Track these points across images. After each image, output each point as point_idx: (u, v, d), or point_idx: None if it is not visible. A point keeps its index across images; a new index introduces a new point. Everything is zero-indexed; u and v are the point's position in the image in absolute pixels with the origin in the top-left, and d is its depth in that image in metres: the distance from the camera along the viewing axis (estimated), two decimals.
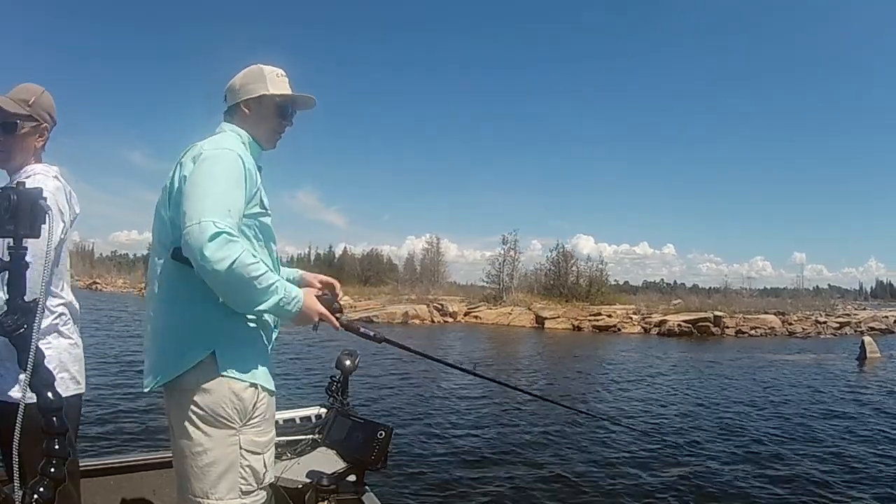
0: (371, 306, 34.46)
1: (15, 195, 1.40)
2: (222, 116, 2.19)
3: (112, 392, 10.30)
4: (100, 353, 14.76)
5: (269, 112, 2.14)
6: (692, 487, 6.50)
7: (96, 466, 2.83)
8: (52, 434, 1.44)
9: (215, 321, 1.88)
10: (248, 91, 2.13)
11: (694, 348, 23.34)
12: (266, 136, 2.16)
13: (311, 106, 2.26)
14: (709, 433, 8.98)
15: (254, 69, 2.16)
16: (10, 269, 1.45)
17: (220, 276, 1.71)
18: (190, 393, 1.86)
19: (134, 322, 24.24)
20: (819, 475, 7.04)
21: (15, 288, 1.47)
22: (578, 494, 6.21)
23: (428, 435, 8.44)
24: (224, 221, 1.73)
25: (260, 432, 1.94)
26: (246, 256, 1.73)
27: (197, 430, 1.86)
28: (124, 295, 49.71)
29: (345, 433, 2.65)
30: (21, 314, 1.46)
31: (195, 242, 1.70)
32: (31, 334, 1.43)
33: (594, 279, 40.10)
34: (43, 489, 1.39)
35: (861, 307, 43.75)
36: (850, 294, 55.97)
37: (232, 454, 1.87)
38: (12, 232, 1.42)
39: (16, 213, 1.41)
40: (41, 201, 1.45)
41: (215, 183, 1.82)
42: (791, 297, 41.63)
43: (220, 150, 1.91)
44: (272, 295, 1.81)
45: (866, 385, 14.65)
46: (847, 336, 29.82)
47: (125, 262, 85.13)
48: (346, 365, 2.91)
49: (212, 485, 1.86)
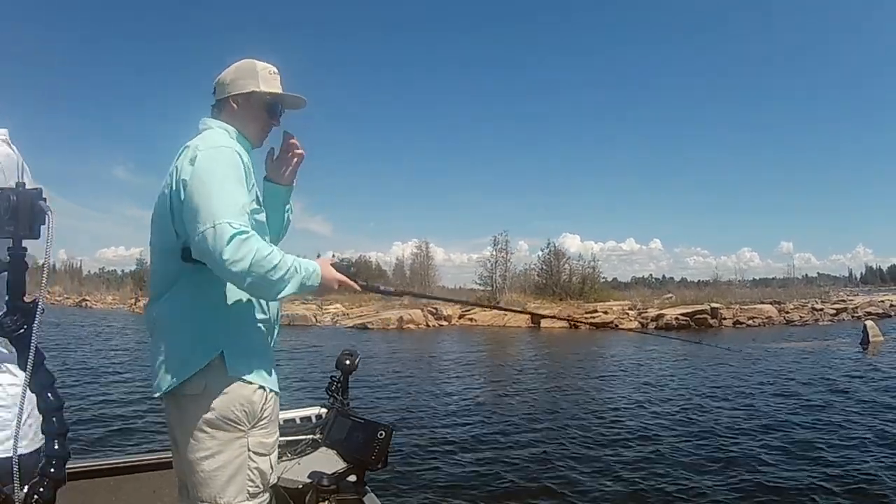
0: (364, 313, 34.39)
1: (14, 196, 1.40)
2: (209, 110, 2.14)
3: (112, 393, 10.49)
4: (100, 361, 15.17)
5: (258, 109, 2.10)
6: (742, 483, 6.35)
7: (96, 467, 2.83)
8: (53, 435, 1.45)
9: (221, 323, 1.88)
10: (237, 86, 2.08)
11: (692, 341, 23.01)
12: (254, 134, 2.12)
13: (300, 106, 2.21)
14: (734, 425, 8.81)
15: (246, 64, 2.12)
16: (11, 270, 1.45)
17: (243, 274, 1.71)
18: (197, 397, 1.85)
19: (125, 335, 24.70)
20: (844, 460, 7.01)
21: (15, 289, 1.46)
22: (583, 493, 6.17)
23: (428, 435, 8.45)
24: (238, 220, 1.73)
25: (267, 433, 1.94)
26: (263, 249, 1.74)
27: (205, 435, 1.84)
28: (115, 311, 49.30)
29: (345, 433, 2.64)
30: (21, 315, 1.45)
31: (213, 245, 1.70)
32: (30, 335, 1.43)
33: (587, 276, 39.99)
34: (43, 489, 1.40)
35: (854, 293, 43.91)
36: (840, 281, 56.28)
37: (241, 457, 1.87)
38: (12, 233, 1.41)
39: (15, 213, 1.40)
40: (41, 202, 1.43)
41: (219, 182, 1.80)
42: (781, 286, 41.83)
43: (216, 147, 1.89)
44: (293, 277, 1.81)
45: (875, 368, 14.58)
46: (844, 322, 29.85)
47: (113, 278, 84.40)
48: (346, 365, 2.91)
49: (220, 489, 1.84)
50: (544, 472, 6.80)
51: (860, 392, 11.29)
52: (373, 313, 33.54)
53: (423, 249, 49.16)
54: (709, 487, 6.21)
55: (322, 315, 34.58)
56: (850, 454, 7.25)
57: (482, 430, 8.84)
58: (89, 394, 10.86)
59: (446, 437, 8.33)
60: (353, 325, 31.03)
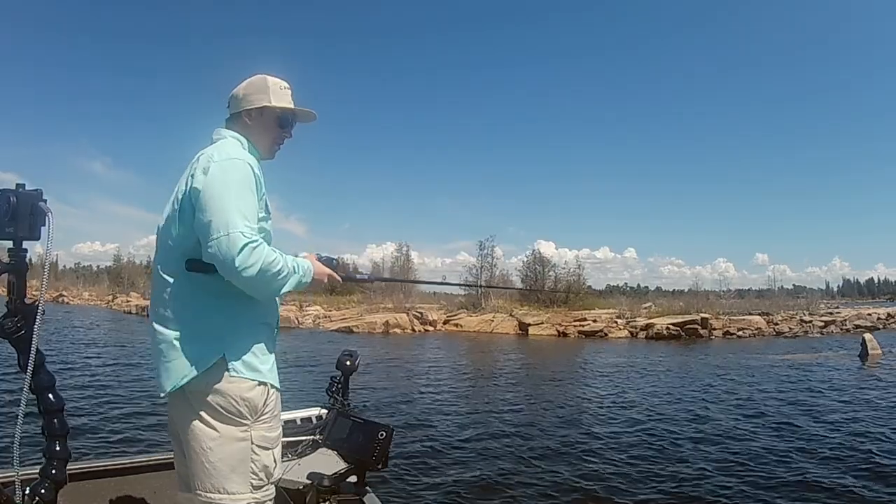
0: (348, 316, 33.88)
1: (14, 197, 1.43)
2: (224, 123, 2.22)
3: (112, 395, 10.63)
4: (96, 360, 15.47)
5: (270, 123, 2.19)
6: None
7: (96, 468, 2.84)
8: (54, 436, 1.53)
9: (224, 325, 1.96)
10: (250, 101, 2.17)
11: (687, 351, 22.87)
12: (266, 146, 2.21)
13: (311, 119, 2.32)
14: (741, 437, 8.68)
15: (258, 80, 2.21)
16: (11, 272, 1.46)
17: (252, 279, 1.84)
18: (201, 394, 1.92)
19: (111, 333, 24.97)
20: (854, 472, 7.00)
21: (16, 290, 1.47)
22: (583, 494, 6.21)
23: (429, 435, 8.52)
24: (249, 231, 1.84)
25: (269, 428, 2.02)
26: (269, 255, 1.86)
27: (209, 428, 1.92)
28: (92, 307, 48.65)
29: (345, 434, 2.66)
30: (21, 316, 1.49)
31: (226, 253, 1.80)
32: (31, 336, 1.48)
33: (572, 284, 39.64)
34: (44, 490, 1.48)
35: (834, 306, 44.25)
36: (818, 293, 56.41)
37: (244, 449, 1.94)
38: (12, 234, 1.45)
39: (15, 215, 1.42)
40: (41, 203, 1.47)
41: (233, 192, 1.88)
42: (757, 297, 42.21)
43: (231, 159, 1.96)
44: (292, 276, 1.96)
45: (878, 381, 14.67)
46: (833, 335, 30.09)
47: (89, 273, 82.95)
48: (346, 365, 2.94)
49: (224, 479, 1.92)
50: (545, 473, 6.85)
51: (862, 406, 11.26)
52: (356, 316, 33.19)
53: (404, 252, 48.61)
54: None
55: (303, 317, 33.89)
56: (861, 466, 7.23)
57: (482, 431, 8.89)
58: (89, 394, 10.73)
59: (447, 437, 8.39)
60: (338, 329, 30.52)
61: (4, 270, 1.44)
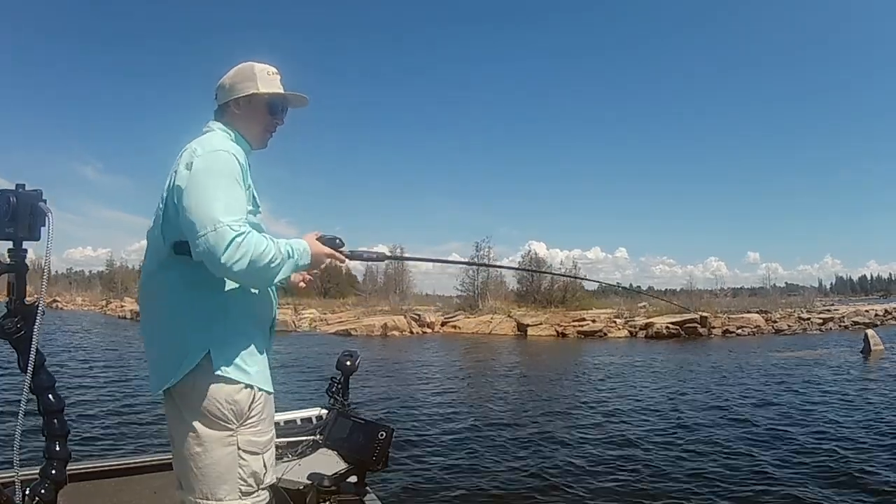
0: (345, 319, 33.78)
1: (14, 197, 1.43)
2: (212, 114, 2.15)
3: (112, 395, 10.66)
4: (96, 362, 15.56)
5: (260, 111, 2.12)
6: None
7: (96, 469, 2.85)
8: (54, 437, 1.54)
9: (210, 323, 1.89)
10: (237, 90, 2.10)
11: (689, 350, 22.77)
12: (256, 136, 2.14)
13: (303, 104, 2.24)
14: (750, 437, 8.57)
15: (244, 67, 2.14)
16: (11, 272, 1.45)
17: (244, 272, 1.77)
18: (187, 396, 1.88)
19: (108, 337, 25.14)
20: (869, 468, 6.91)
21: (16, 290, 1.47)
22: (582, 494, 6.17)
23: (429, 435, 8.52)
24: (237, 223, 1.77)
25: (258, 432, 1.94)
26: (259, 244, 1.78)
27: (194, 433, 1.87)
28: (87, 313, 48.50)
29: (346, 434, 2.65)
30: (21, 317, 1.47)
31: (215, 248, 1.73)
32: (31, 336, 1.46)
33: (569, 285, 39.58)
34: (44, 491, 1.48)
35: (829, 303, 44.46)
36: (811, 291, 56.46)
37: (230, 454, 1.88)
38: (12, 235, 1.44)
39: (15, 215, 1.42)
40: (40, 203, 1.47)
41: (217, 185, 1.83)
42: (751, 295, 42.19)
43: (214, 152, 1.90)
44: (286, 262, 1.87)
45: (882, 376, 14.78)
46: (832, 331, 30.18)
47: (81, 279, 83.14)
48: (346, 366, 2.94)
49: (212, 486, 1.87)
50: (544, 473, 6.82)
51: (885, 398, 11.34)
52: (353, 319, 33.13)
53: (399, 255, 48.26)
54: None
55: (299, 320, 33.74)
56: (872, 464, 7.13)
57: (483, 430, 8.90)
58: (89, 395, 10.76)
59: (447, 438, 8.39)
60: (336, 332, 30.46)
61: (4, 271, 1.43)
